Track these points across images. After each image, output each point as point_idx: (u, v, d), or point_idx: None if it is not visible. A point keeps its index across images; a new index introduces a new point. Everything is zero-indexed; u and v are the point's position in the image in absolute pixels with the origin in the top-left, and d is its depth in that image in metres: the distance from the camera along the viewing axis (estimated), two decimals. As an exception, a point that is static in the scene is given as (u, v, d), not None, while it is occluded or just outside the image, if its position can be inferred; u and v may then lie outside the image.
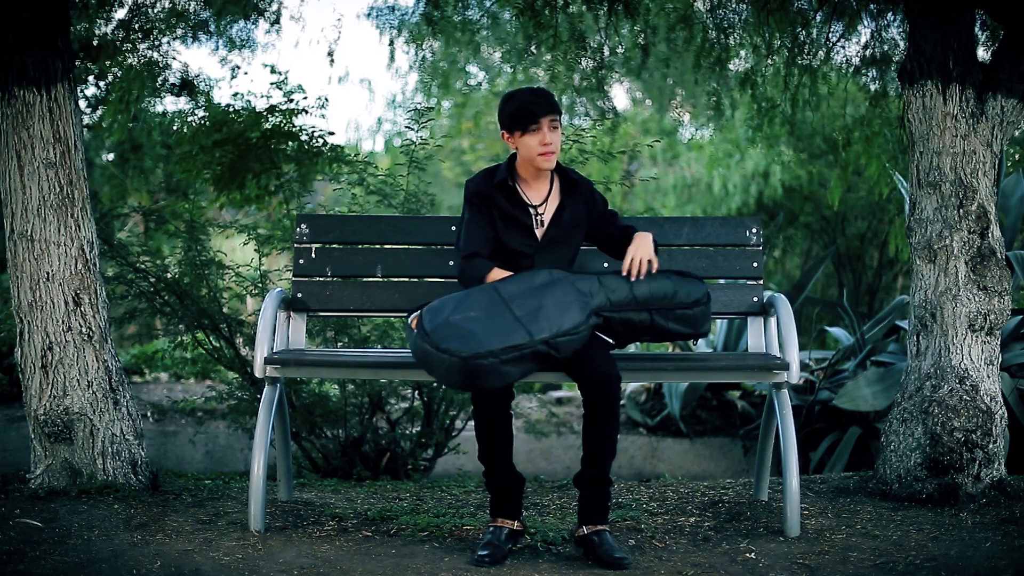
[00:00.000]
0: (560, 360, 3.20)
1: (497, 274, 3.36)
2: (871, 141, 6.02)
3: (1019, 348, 5.37)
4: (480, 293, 3.23)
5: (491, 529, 3.26)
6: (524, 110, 3.37)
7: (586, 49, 5.30)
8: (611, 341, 3.52)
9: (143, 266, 5.20)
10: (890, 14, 5.06)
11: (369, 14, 6.22)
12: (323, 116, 5.47)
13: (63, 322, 3.85)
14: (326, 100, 5.59)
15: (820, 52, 5.24)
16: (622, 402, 8.00)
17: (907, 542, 3.29)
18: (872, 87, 5.62)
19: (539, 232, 3.46)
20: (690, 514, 3.70)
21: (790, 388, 3.58)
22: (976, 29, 4.31)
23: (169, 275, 5.25)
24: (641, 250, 3.37)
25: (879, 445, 4.12)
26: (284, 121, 5.47)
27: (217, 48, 5.99)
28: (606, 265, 3.73)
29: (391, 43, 6.25)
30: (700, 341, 8.12)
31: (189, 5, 5.60)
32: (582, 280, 3.28)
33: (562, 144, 3.74)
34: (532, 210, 3.46)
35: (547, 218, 3.47)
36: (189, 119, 5.82)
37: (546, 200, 3.49)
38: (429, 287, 3.88)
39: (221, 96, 10.18)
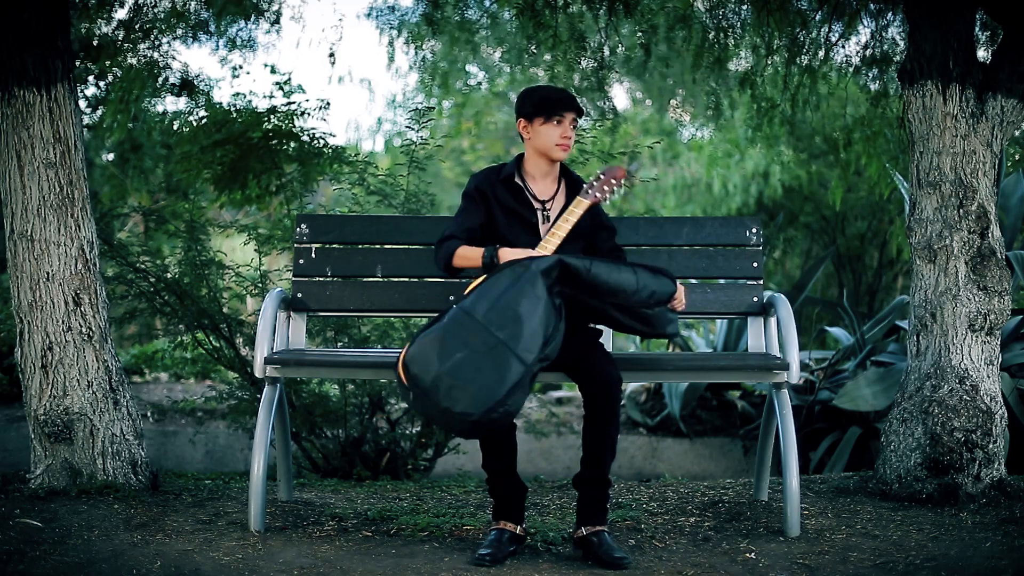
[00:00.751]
0: (559, 360, 3.20)
1: (464, 251, 3.36)
2: (872, 141, 6.02)
3: (1019, 348, 5.37)
4: (454, 324, 3.08)
5: (493, 531, 3.26)
6: (552, 99, 3.40)
7: (586, 49, 5.30)
8: (600, 329, 3.51)
9: (143, 266, 5.20)
10: (890, 14, 5.06)
11: (369, 14, 6.24)
12: (324, 119, 5.47)
13: (63, 322, 3.85)
14: (327, 104, 5.58)
15: (820, 52, 5.24)
16: (622, 402, 7.99)
17: (907, 542, 3.29)
18: (872, 87, 5.62)
19: (543, 229, 3.45)
20: (690, 514, 3.70)
21: (790, 388, 3.58)
22: (976, 29, 4.32)
23: (169, 275, 5.25)
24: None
25: (879, 445, 4.12)
26: (285, 122, 5.47)
27: (217, 48, 6.00)
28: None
29: (391, 43, 6.25)
30: (700, 340, 8.13)
31: (189, 5, 5.60)
32: (543, 262, 3.14)
33: None
34: (539, 205, 3.46)
35: (553, 215, 3.46)
36: (190, 119, 5.82)
37: (552, 198, 3.48)
38: (429, 287, 3.88)
39: (221, 96, 10.18)
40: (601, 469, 3.22)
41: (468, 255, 3.37)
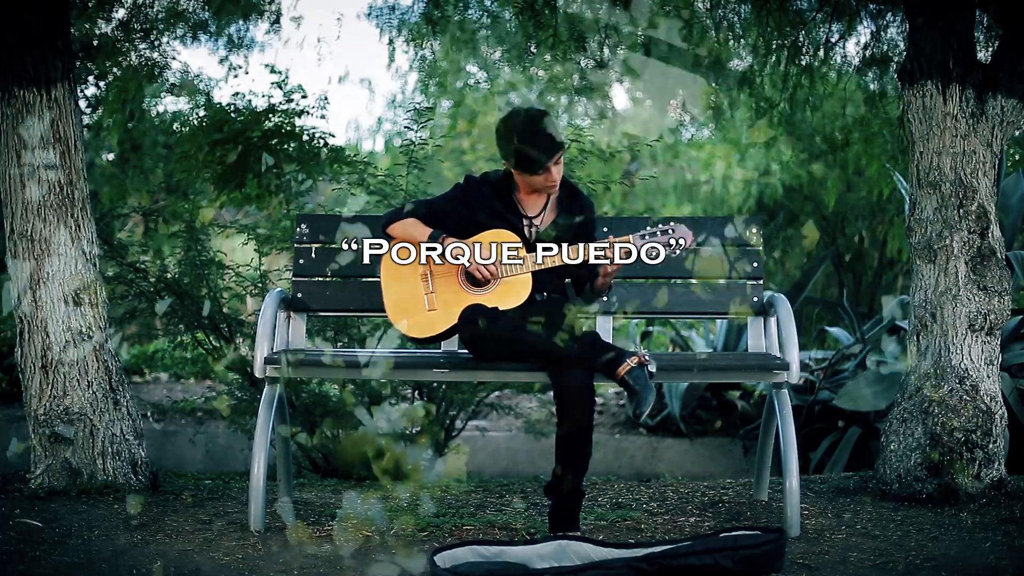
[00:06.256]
0: (539, 355, 3.17)
1: (410, 224, 3.34)
2: (871, 141, 6.03)
3: (1019, 348, 5.37)
4: None
5: None
6: (528, 157, 3.24)
7: (586, 49, 5.30)
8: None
9: (143, 266, 5.20)
10: (890, 14, 5.06)
11: (369, 14, 6.24)
12: (323, 117, 5.47)
13: (63, 322, 3.85)
14: (326, 100, 5.58)
15: (820, 52, 5.24)
16: (621, 402, 7.98)
17: (907, 542, 3.29)
18: (871, 87, 5.62)
19: (530, 233, 3.45)
20: (690, 514, 3.70)
21: (790, 388, 3.58)
22: (976, 29, 4.31)
23: (169, 275, 5.24)
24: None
25: (879, 445, 4.12)
26: (285, 121, 5.47)
27: (217, 48, 6.00)
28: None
29: (391, 43, 6.25)
30: (700, 340, 8.13)
31: (189, 5, 5.60)
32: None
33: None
34: (526, 220, 3.46)
35: (540, 225, 3.46)
36: (190, 119, 5.82)
37: (541, 212, 3.47)
38: (429, 287, 3.87)
39: (221, 96, 10.18)
40: (569, 478, 3.20)
41: (411, 229, 3.34)
